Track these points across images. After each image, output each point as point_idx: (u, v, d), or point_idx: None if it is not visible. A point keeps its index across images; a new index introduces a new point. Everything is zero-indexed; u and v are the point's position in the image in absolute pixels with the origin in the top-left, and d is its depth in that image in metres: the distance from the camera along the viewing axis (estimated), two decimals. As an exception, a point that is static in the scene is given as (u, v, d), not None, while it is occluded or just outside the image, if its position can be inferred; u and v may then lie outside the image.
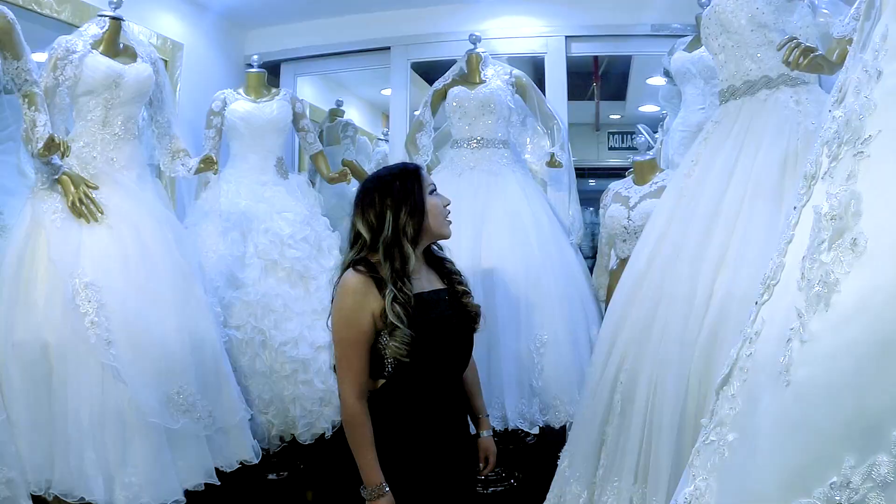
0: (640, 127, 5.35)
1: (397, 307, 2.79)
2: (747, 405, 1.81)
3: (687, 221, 3.37)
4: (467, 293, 3.10)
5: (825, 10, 3.47)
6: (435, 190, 3.04)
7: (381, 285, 2.83)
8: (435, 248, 3.13)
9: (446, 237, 3.07)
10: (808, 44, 3.01)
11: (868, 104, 1.70)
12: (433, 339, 2.90)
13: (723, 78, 3.62)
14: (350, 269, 2.87)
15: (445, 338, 2.97)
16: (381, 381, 2.88)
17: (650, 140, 5.32)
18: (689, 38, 5.06)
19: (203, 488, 3.87)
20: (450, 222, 3.06)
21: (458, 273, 3.13)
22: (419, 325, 2.84)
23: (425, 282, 3.01)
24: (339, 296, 2.89)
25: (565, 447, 3.69)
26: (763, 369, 1.76)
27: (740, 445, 1.77)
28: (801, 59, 2.94)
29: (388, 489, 2.79)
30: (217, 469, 3.96)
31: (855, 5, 2.87)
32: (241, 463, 4.15)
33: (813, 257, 1.68)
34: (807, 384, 1.56)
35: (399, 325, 2.78)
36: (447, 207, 3.04)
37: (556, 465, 3.66)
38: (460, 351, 3.06)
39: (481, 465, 3.24)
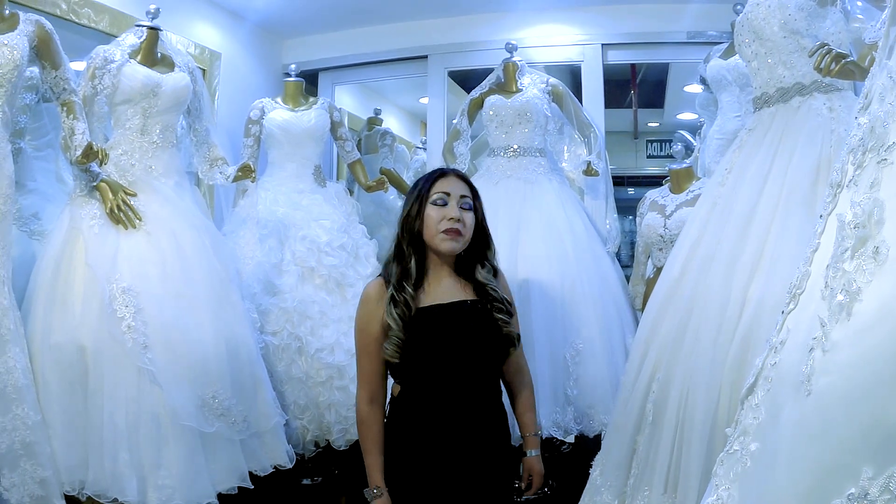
0: (680, 133, 5.34)
1: (393, 310, 2.92)
2: (770, 415, 1.80)
3: (720, 230, 3.36)
4: (502, 309, 3.06)
5: (859, 16, 3.43)
6: (444, 200, 3.01)
7: None
8: (485, 261, 3.12)
9: (441, 251, 3.04)
10: (840, 50, 2.99)
11: (892, 111, 1.68)
12: (432, 349, 2.95)
13: (756, 85, 3.60)
14: (376, 277, 3.02)
15: (448, 349, 2.97)
16: (399, 388, 3.00)
17: (691, 141, 5.31)
18: (724, 46, 5.02)
19: (236, 492, 3.90)
20: (446, 237, 3.00)
21: (495, 289, 3.08)
22: (419, 334, 2.93)
23: (445, 292, 3.03)
24: (359, 303, 3.06)
25: (597, 456, 3.68)
26: (786, 379, 1.75)
27: (762, 455, 1.76)
28: (833, 65, 2.92)
29: (385, 492, 2.93)
30: (251, 473, 3.99)
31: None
32: (275, 467, 4.17)
33: (836, 266, 1.67)
34: (827, 394, 1.55)
35: (393, 326, 2.90)
36: (448, 221, 2.99)
37: (589, 475, 3.66)
38: (468, 364, 3.00)
39: (523, 484, 3.24)
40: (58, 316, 3.73)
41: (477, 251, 3.12)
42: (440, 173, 3.08)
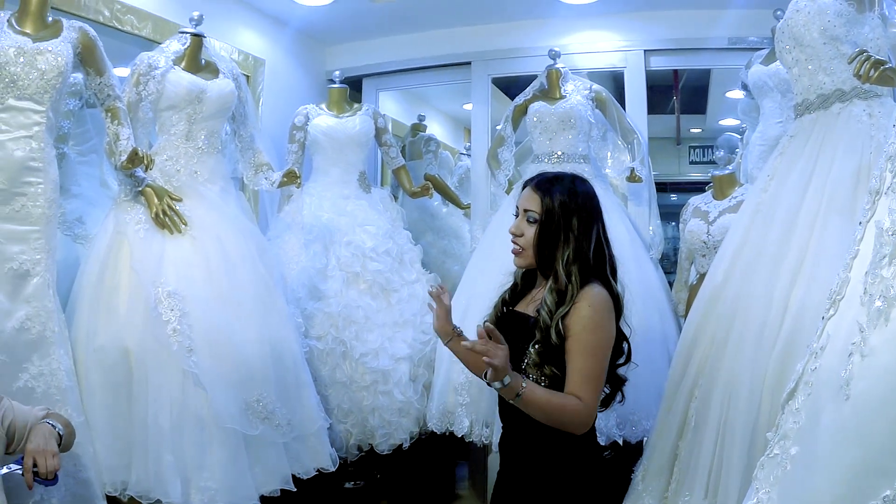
0: (727, 134, 5.33)
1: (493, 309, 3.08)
2: (810, 419, 1.81)
3: (763, 236, 3.37)
4: (539, 342, 2.79)
5: (897, 21, 3.44)
6: (516, 213, 2.99)
7: None
8: (552, 281, 2.87)
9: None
10: (878, 56, 2.99)
11: (929, 119, 1.70)
12: None
13: (797, 92, 3.61)
14: None
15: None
16: None
17: (738, 140, 5.30)
18: (765, 51, 5.00)
19: (279, 494, 3.93)
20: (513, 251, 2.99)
21: (547, 317, 2.79)
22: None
23: (530, 302, 3.00)
24: None
25: (640, 461, 3.70)
26: (826, 383, 1.77)
27: (801, 458, 1.78)
28: (872, 71, 2.92)
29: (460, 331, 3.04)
30: (294, 476, 4.01)
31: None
32: (318, 470, 4.18)
33: (875, 272, 1.68)
34: (865, 398, 1.57)
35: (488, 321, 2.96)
36: (512, 234, 2.97)
37: (631, 480, 3.66)
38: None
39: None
40: (102, 319, 3.77)
41: (543, 267, 2.94)
42: (524, 185, 3.03)
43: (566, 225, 2.85)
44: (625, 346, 2.96)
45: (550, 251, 2.86)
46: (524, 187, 2.99)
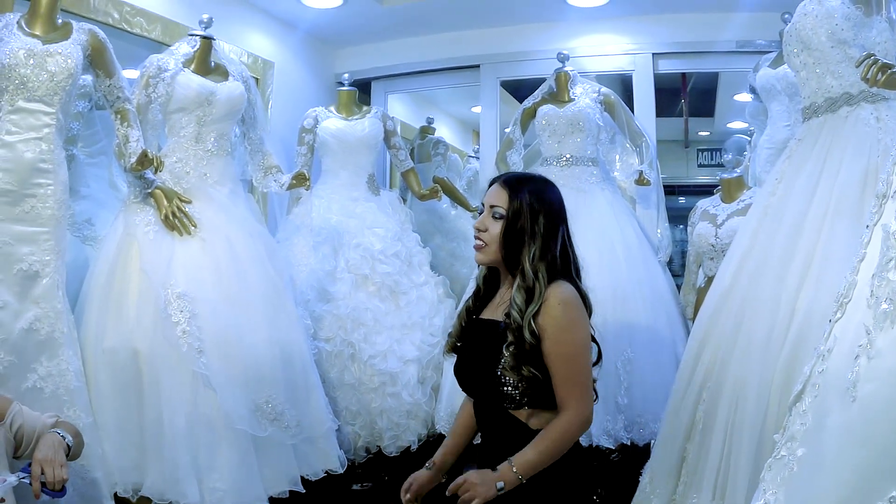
0: (736, 136, 5.32)
1: (457, 317, 3.07)
2: (817, 421, 1.81)
3: (770, 239, 3.37)
4: (512, 344, 2.74)
5: (904, 25, 3.44)
6: (482, 209, 2.95)
7: None
8: (518, 278, 2.83)
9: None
10: (886, 60, 2.99)
11: (937, 122, 1.70)
12: (458, 362, 3.02)
13: (805, 95, 3.61)
14: None
15: (462, 367, 3.00)
16: None
17: (746, 140, 5.30)
18: (773, 55, 4.97)
19: (287, 495, 3.93)
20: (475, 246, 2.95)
21: (517, 317, 2.74)
22: (461, 344, 3.01)
23: (496, 307, 2.95)
24: None
25: (647, 463, 3.70)
26: (833, 386, 1.77)
27: (808, 460, 1.78)
28: (879, 75, 2.92)
29: (434, 466, 3.02)
30: (303, 477, 4.01)
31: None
32: (326, 472, 4.18)
33: (881, 275, 1.69)
34: (871, 400, 1.57)
35: (452, 331, 3.07)
36: (476, 229, 2.92)
37: (639, 483, 3.66)
38: (473, 389, 2.99)
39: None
40: (112, 320, 3.78)
41: (509, 264, 2.89)
42: (490, 182, 2.99)
43: (532, 223, 2.82)
44: (594, 347, 2.93)
45: (517, 248, 2.83)
46: (491, 184, 2.97)
